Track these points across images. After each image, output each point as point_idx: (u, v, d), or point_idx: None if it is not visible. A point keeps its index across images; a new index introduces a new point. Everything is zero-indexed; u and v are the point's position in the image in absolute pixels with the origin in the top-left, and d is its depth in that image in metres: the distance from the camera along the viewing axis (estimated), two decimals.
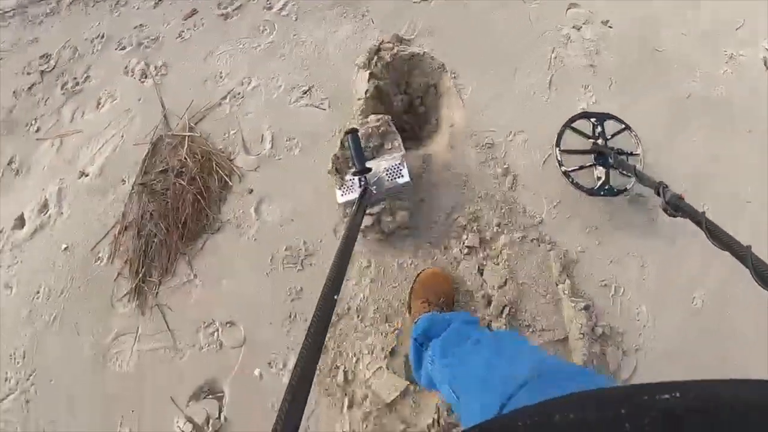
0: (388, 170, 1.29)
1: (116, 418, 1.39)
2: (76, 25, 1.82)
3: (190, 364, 1.39)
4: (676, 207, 0.90)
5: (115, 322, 1.46)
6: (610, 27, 1.77)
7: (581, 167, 1.40)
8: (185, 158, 1.50)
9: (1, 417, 1.44)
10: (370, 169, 1.20)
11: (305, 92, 1.57)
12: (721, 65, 1.62)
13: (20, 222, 1.60)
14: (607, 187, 1.37)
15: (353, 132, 1.19)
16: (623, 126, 1.45)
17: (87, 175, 1.57)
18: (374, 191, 1.22)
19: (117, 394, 1.40)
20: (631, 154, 1.42)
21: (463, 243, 1.40)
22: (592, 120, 1.45)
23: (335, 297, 0.64)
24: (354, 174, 1.23)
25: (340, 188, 1.30)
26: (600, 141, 1.42)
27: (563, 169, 1.39)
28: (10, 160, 1.68)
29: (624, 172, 1.33)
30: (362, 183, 1.18)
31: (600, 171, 1.39)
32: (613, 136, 1.44)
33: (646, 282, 1.39)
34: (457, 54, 1.63)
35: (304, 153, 1.50)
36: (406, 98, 1.64)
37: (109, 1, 1.84)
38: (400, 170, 1.29)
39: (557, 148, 1.41)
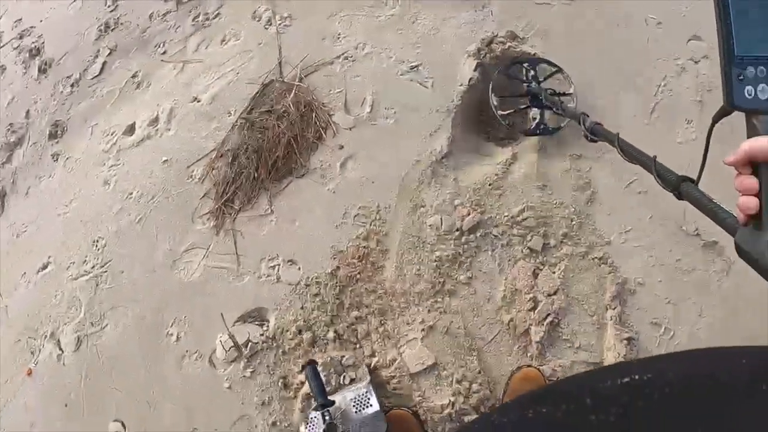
0: (354, 400, 1.21)
1: (169, 318, 1.50)
2: None
3: (247, 289, 1.48)
4: (594, 132, 0.98)
5: (191, 235, 1.57)
6: None
7: (516, 110, 1.50)
8: (289, 104, 1.60)
9: (74, 291, 1.60)
10: (333, 402, 1.16)
11: (413, 68, 1.62)
12: None
13: (130, 129, 1.76)
14: (542, 126, 1.47)
15: (312, 363, 1.20)
16: (555, 69, 1.53)
17: (199, 101, 1.70)
18: (340, 426, 1.14)
19: (176, 298, 1.51)
20: (564, 94, 1.50)
21: (526, 243, 1.41)
22: (525, 65, 1.53)
23: None
24: (315, 408, 1.15)
25: (305, 426, 1.21)
26: (533, 84, 1.51)
27: (499, 113, 1.47)
28: (134, 74, 1.85)
29: (551, 106, 1.42)
30: (326, 419, 1.11)
31: (535, 112, 1.49)
32: (545, 78, 1.53)
33: (699, 333, 1.34)
34: (566, 61, 1.62)
35: (397, 123, 1.55)
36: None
37: None
38: (368, 399, 1.21)
39: (492, 94, 1.49)
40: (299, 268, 1.47)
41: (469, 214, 1.43)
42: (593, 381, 0.45)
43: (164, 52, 1.84)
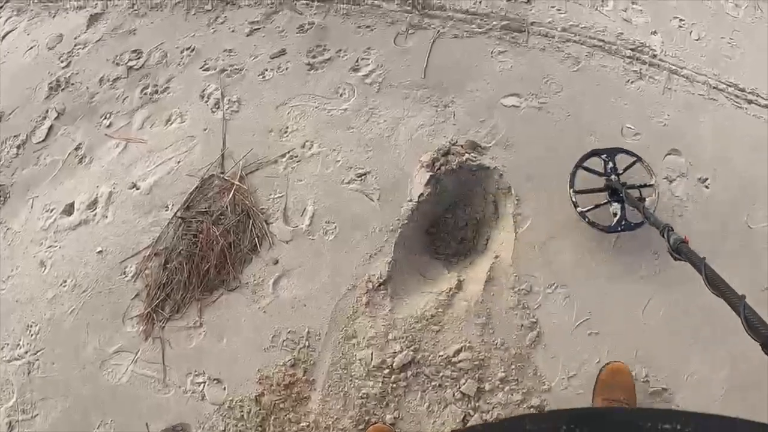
0: None
1: (95, 419, 1.47)
2: (174, 28, 1.85)
3: (172, 402, 1.44)
4: (678, 251, 0.91)
5: (120, 337, 1.52)
6: (707, 187, 1.58)
7: (596, 206, 1.40)
8: (227, 207, 1.51)
9: (7, 374, 1.57)
10: None
11: (360, 176, 1.51)
12: None
13: (69, 209, 1.69)
14: (624, 223, 1.38)
15: None
16: (634, 158, 1.46)
17: (138, 189, 1.62)
18: None
19: (103, 400, 1.48)
20: (645, 185, 1.43)
21: (459, 387, 1.34)
22: (603, 156, 1.46)
23: None
24: None
25: None
26: (613, 177, 1.42)
27: (579, 209, 1.39)
28: (78, 145, 1.77)
29: (632, 208, 1.33)
30: None
31: (615, 207, 1.40)
32: (625, 170, 1.45)
33: None
34: (527, 178, 1.51)
35: (337, 240, 1.46)
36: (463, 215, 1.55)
37: (210, 14, 1.84)
38: None
39: (571, 189, 1.41)
40: (224, 389, 1.42)
41: (401, 351, 1.36)
42: (634, 417, 0.49)
43: (109, 125, 1.75)
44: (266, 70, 1.70)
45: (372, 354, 1.37)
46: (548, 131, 1.59)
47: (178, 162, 1.62)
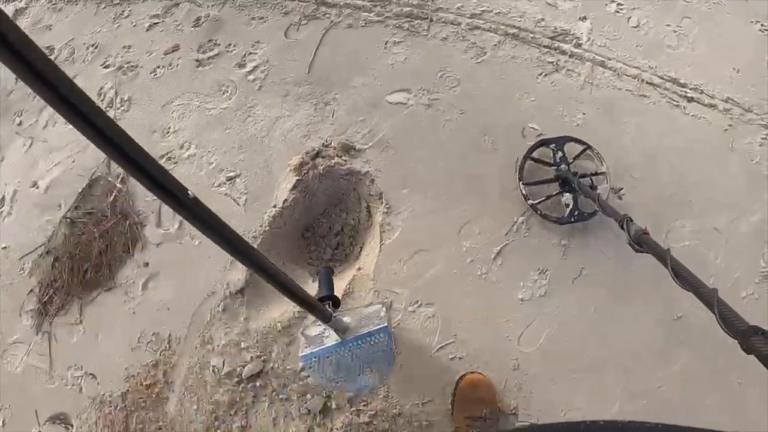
0: (365, 316, 1.21)
1: None
2: (84, 24, 1.86)
3: (55, 393, 1.52)
4: (640, 242, 0.89)
5: (18, 328, 1.61)
6: (620, 198, 1.41)
7: (548, 197, 1.36)
8: (107, 208, 1.53)
9: None
10: (339, 301, 1.15)
11: (230, 179, 1.48)
12: None
13: None
14: (576, 213, 1.34)
15: (328, 268, 1.26)
16: (584, 146, 1.40)
17: (37, 187, 1.68)
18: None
19: (3, 386, 1.58)
20: (596, 174, 1.38)
21: (305, 403, 1.31)
22: (551, 146, 1.40)
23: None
24: (320, 299, 1.09)
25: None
26: (562, 166, 1.37)
27: (530, 202, 1.35)
28: None
29: (585, 195, 1.28)
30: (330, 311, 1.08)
31: (567, 198, 1.36)
32: (575, 158, 1.39)
33: None
34: (403, 184, 1.41)
35: (202, 246, 1.45)
36: (339, 219, 1.48)
37: (117, 7, 1.83)
38: (379, 315, 1.21)
39: (521, 183, 1.37)
40: (98, 384, 1.48)
41: (252, 360, 1.34)
42: None
43: (20, 123, 1.81)
44: (158, 67, 1.67)
45: (224, 361, 1.36)
46: (435, 131, 1.47)
47: (73, 161, 1.65)
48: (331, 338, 1.18)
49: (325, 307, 1.05)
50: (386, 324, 1.18)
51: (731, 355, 1.28)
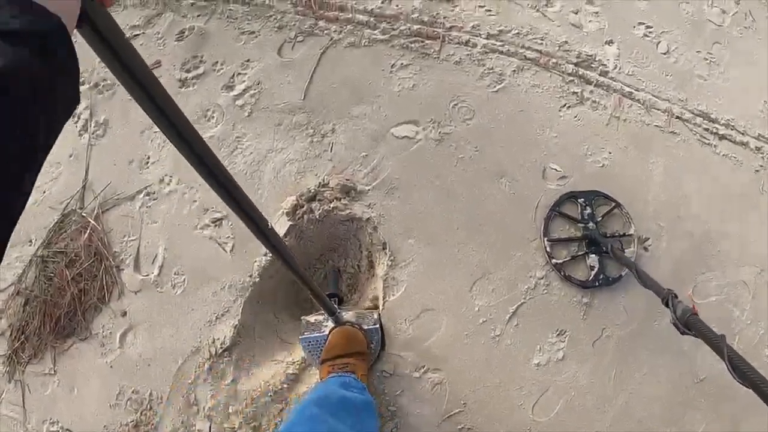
0: (358, 315, 1.22)
1: None
2: None
3: None
4: (688, 324, 0.81)
5: None
6: (646, 249, 1.28)
7: (572, 258, 1.25)
8: (81, 248, 1.38)
9: None
10: (342, 298, 1.27)
11: (216, 221, 1.33)
12: None
13: None
14: (601, 277, 1.24)
15: (336, 269, 1.32)
16: (613, 204, 1.29)
17: None
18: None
19: None
20: (623, 235, 1.27)
21: None
22: (580, 201, 1.28)
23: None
24: (328, 295, 1.18)
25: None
26: (590, 224, 1.26)
27: (553, 261, 1.24)
28: None
29: (623, 266, 1.20)
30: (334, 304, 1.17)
31: (593, 260, 1.25)
32: (603, 216, 1.28)
33: None
34: (409, 233, 1.26)
35: (185, 295, 1.31)
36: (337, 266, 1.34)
37: None
38: (371, 317, 1.21)
39: (545, 239, 1.25)
40: None
41: (241, 427, 1.22)
42: None
43: None
44: None
45: (210, 427, 1.24)
46: (446, 171, 1.32)
47: (44, 192, 1.50)
48: (329, 327, 1.18)
49: (331, 302, 1.12)
50: (378, 326, 1.20)
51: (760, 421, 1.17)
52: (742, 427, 1.22)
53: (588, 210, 1.26)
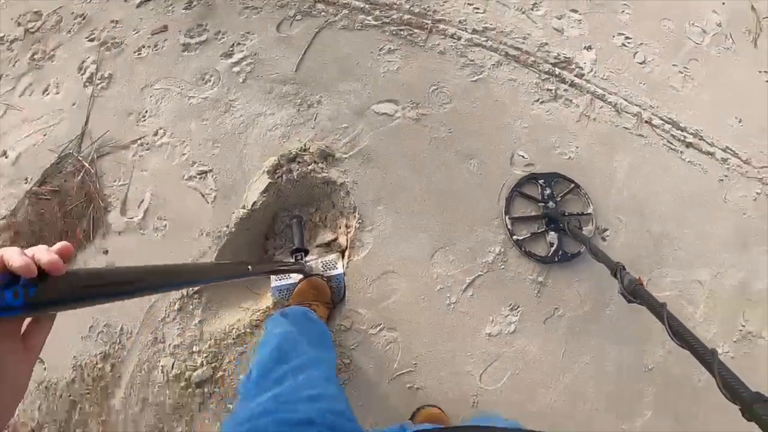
0: (324, 263, 1.32)
1: None
2: None
3: None
4: (634, 293, 0.86)
5: None
6: (603, 239, 1.36)
7: (533, 234, 1.34)
8: (73, 188, 1.47)
9: None
10: (308, 251, 1.29)
11: (201, 174, 1.42)
12: None
13: None
14: (560, 253, 1.31)
15: (298, 218, 1.34)
16: (572, 185, 1.37)
17: (6, 157, 1.61)
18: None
19: None
20: (582, 214, 1.35)
21: None
22: (540, 182, 1.36)
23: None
24: (292, 252, 1.26)
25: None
26: (550, 203, 1.34)
27: (514, 238, 1.32)
28: None
29: (578, 242, 1.27)
30: (299, 260, 1.26)
31: (552, 236, 1.32)
32: (563, 196, 1.36)
33: None
34: (378, 200, 1.35)
35: (165, 239, 1.39)
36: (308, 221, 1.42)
37: None
38: (335, 264, 1.32)
39: (506, 216, 1.33)
40: (45, 368, 1.43)
41: (202, 366, 1.29)
42: None
43: None
44: (143, 46, 1.60)
45: (174, 363, 1.31)
46: (419, 148, 1.41)
47: (44, 135, 1.59)
48: (299, 276, 1.29)
49: (297, 259, 1.24)
50: (342, 271, 1.31)
51: (704, 414, 1.23)
52: (686, 416, 1.27)
53: (548, 191, 1.35)
